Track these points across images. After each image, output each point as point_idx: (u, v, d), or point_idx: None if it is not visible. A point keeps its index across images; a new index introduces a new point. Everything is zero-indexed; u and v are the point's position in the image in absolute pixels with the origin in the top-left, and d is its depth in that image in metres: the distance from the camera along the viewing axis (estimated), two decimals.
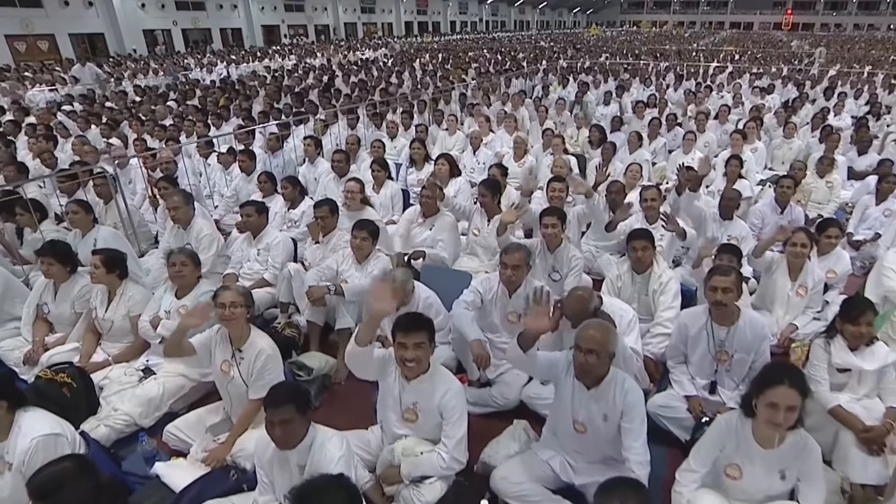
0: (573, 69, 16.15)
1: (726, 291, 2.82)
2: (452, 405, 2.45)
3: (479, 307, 3.27)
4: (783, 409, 1.99)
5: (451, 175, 5.45)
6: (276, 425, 2.07)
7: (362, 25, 38.34)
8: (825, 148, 6.78)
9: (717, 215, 4.46)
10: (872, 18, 53.59)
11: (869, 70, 15.75)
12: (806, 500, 2.14)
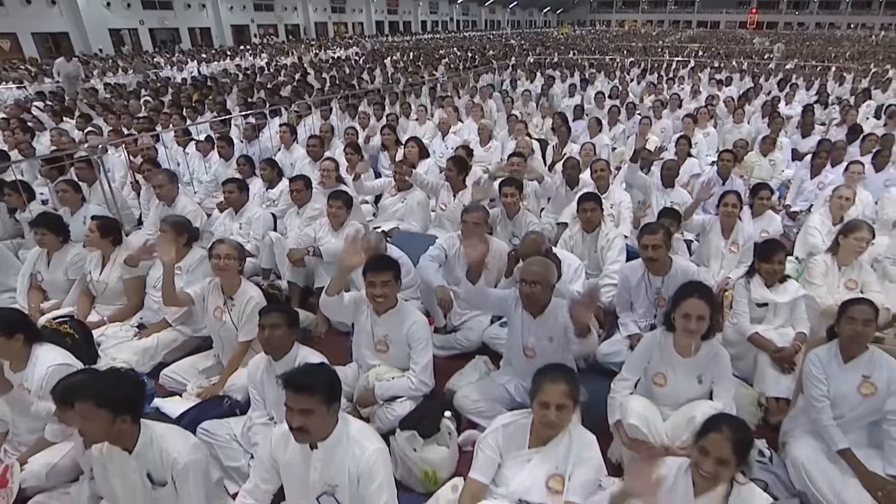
0: (541, 65, 16.71)
1: (656, 248, 3.26)
2: (419, 335, 2.86)
3: (443, 262, 3.68)
4: (694, 318, 2.44)
5: (421, 157, 5.86)
6: (267, 328, 2.45)
7: (333, 25, 38.51)
8: (770, 130, 7.37)
9: (661, 184, 4.95)
10: (833, 17, 55.54)
11: (823, 64, 16.72)
12: (719, 398, 2.58)
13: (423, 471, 2.54)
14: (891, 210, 4.95)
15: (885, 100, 11.08)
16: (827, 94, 11.35)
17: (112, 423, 1.92)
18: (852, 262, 3.61)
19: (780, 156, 6.77)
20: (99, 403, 1.88)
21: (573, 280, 3.41)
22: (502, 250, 3.62)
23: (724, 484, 1.87)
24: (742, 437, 1.80)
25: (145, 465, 2.05)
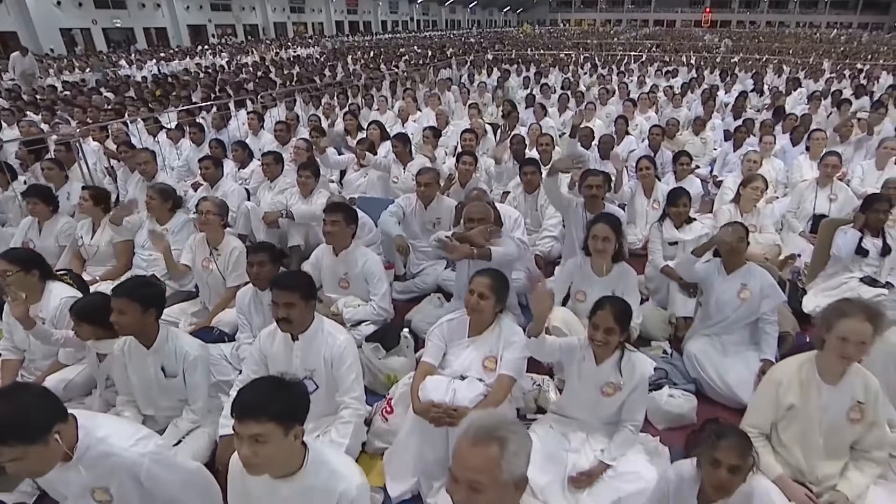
0: (499, 60, 17.47)
1: (598, 187, 3.90)
2: (373, 269, 3.45)
3: (402, 218, 4.25)
4: (601, 239, 3.09)
5: (382, 139, 6.43)
6: (255, 265, 2.99)
7: (292, 25, 38.70)
8: (703, 112, 8.23)
9: (598, 156, 5.64)
10: (783, 16, 58.05)
11: (764, 57, 18.00)
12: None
13: (386, 375, 3.11)
14: (797, 174, 5.73)
15: (815, 87, 12.20)
16: (762, 84, 12.40)
17: (142, 316, 2.43)
18: (752, 210, 4.36)
19: (710, 135, 7.62)
20: (132, 298, 2.40)
21: (514, 229, 4.01)
22: (452, 206, 4.22)
23: (617, 351, 2.49)
24: (621, 310, 2.40)
25: (160, 359, 2.57)
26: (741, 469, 1.78)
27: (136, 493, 1.87)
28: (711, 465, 1.79)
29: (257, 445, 1.57)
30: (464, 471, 1.35)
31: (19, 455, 1.58)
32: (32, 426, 1.62)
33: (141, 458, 1.83)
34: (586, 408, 2.56)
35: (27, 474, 1.69)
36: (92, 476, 1.80)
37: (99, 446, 1.80)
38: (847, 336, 2.10)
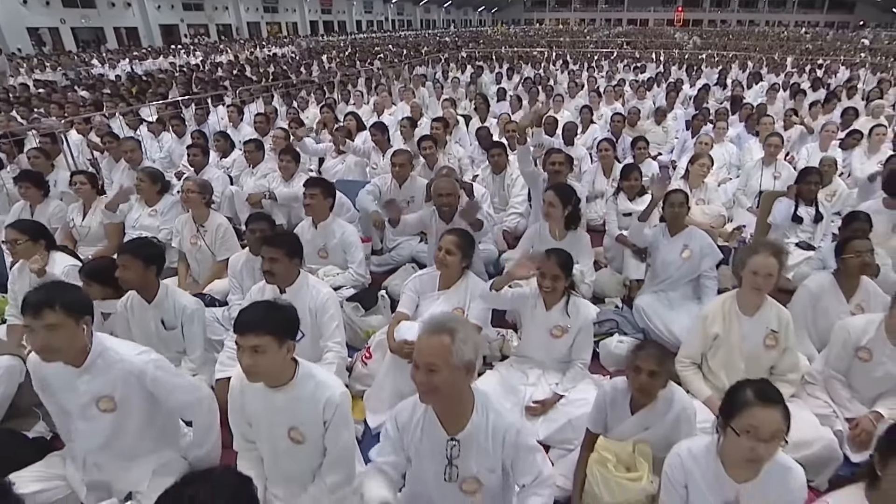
0: (473, 57, 17.90)
1: (561, 164, 4.28)
2: (350, 240, 3.78)
3: (378, 196, 4.59)
4: (548, 204, 3.47)
5: (358, 129, 6.76)
6: (257, 231, 3.29)
7: (266, 25, 38.71)
8: (665, 104, 8.71)
9: (563, 143, 6.04)
10: (752, 15, 59.55)
11: (729, 53, 18.73)
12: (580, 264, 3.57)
13: (365, 331, 3.45)
14: (748, 157, 6.19)
15: (776, 81, 12.83)
16: (726, 78, 13.01)
17: (144, 272, 2.75)
18: (700, 185, 4.80)
19: (672, 124, 8.09)
20: (136, 255, 2.71)
21: (482, 202, 4.38)
22: (424, 185, 4.57)
23: (563, 298, 2.86)
24: (564, 259, 2.77)
25: (160, 313, 2.88)
26: (658, 374, 2.15)
27: (139, 399, 2.18)
28: (634, 371, 2.17)
29: (256, 355, 1.90)
30: (422, 356, 1.69)
31: (58, 322, 1.93)
32: (75, 302, 2.00)
33: (145, 364, 2.15)
34: (540, 349, 2.93)
35: (51, 349, 1.97)
36: (99, 383, 2.11)
37: (107, 353, 2.12)
38: (757, 270, 2.51)
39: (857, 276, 2.96)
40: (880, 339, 2.57)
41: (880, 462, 1.57)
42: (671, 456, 1.88)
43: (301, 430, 2.07)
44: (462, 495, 1.87)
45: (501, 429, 1.82)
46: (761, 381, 1.76)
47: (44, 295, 1.95)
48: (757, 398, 1.67)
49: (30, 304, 1.93)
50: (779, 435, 1.66)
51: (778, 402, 1.68)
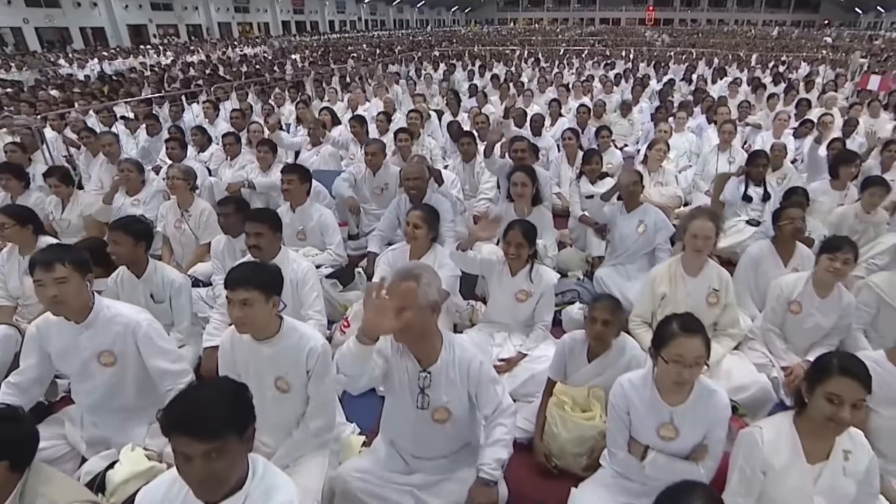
0: (446, 56, 18.21)
1: (524, 151, 4.57)
2: (327, 222, 4.01)
3: (353, 184, 4.84)
4: (519, 185, 3.75)
5: (333, 124, 6.99)
6: (223, 216, 3.51)
7: (237, 25, 38.57)
8: (631, 97, 9.11)
9: (531, 134, 6.35)
10: (722, 14, 60.99)
11: (697, 50, 19.36)
12: (543, 238, 3.86)
13: (343, 305, 3.69)
14: (707, 145, 6.56)
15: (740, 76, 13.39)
16: (692, 74, 13.53)
17: (134, 247, 2.96)
18: (658, 169, 5.13)
19: (638, 117, 8.51)
20: (126, 231, 2.92)
21: (452, 187, 4.66)
22: (397, 172, 4.81)
23: (527, 265, 3.14)
24: (527, 229, 3.05)
25: (150, 287, 3.09)
26: (611, 323, 2.44)
27: (136, 355, 2.41)
28: (591, 322, 2.45)
29: (245, 308, 2.13)
30: (394, 299, 1.95)
31: (66, 275, 2.18)
32: (82, 260, 2.27)
33: (141, 320, 2.40)
34: (506, 312, 3.21)
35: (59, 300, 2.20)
36: (100, 338, 2.35)
37: (108, 311, 2.37)
38: (696, 233, 2.82)
39: (792, 242, 3.30)
40: (808, 293, 2.91)
41: (808, 391, 1.85)
42: (615, 386, 2.16)
43: (286, 380, 2.30)
44: (433, 424, 2.13)
45: (466, 362, 2.08)
46: (685, 315, 2.03)
47: (55, 253, 2.22)
48: (681, 329, 1.95)
49: (41, 260, 2.17)
50: (700, 361, 1.94)
51: (699, 331, 1.96)
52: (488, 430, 2.15)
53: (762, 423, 1.97)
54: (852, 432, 1.87)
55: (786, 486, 1.84)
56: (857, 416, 1.72)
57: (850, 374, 1.71)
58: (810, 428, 1.84)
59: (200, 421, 1.37)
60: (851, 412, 1.70)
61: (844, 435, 1.83)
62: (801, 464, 1.82)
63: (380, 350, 2.09)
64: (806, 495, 1.82)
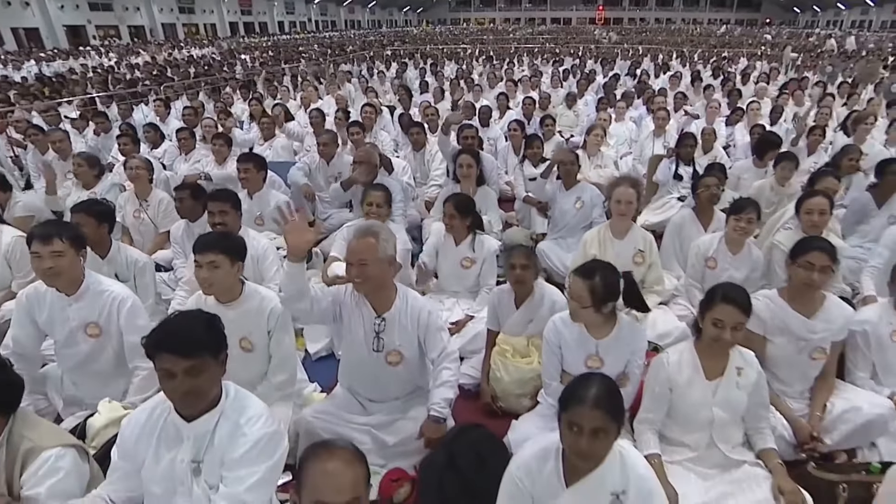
0: (398, 55, 18.52)
1: (473, 138, 4.96)
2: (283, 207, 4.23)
3: (308, 173, 5.08)
4: (465, 167, 4.10)
5: (286, 119, 7.20)
6: (179, 201, 3.72)
7: (182, 26, 37.91)
8: (577, 91, 9.61)
9: (479, 124, 6.71)
10: (669, 13, 63.06)
11: (645, 47, 20.25)
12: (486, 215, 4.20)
13: None
14: (645, 132, 7.04)
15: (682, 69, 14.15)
16: (636, 69, 14.20)
17: (97, 228, 3.14)
18: (596, 153, 5.55)
19: (583, 109, 8.98)
20: (89, 213, 3.11)
21: (402, 175, 4.95)
22: (349, 161, 5.08)
23: (470, 234, 3.47)
24: (461, 201, 3.41)
25: (114, 267, 3.27)
26: (528, 267, 2.82)
27: (117, 328, 2.61)
28: (510, 268, 2.81)
29: (213, 269, 2.38)
30: (355, 255, 2.25)
31: (63, 249, 2.40)
32: (77, 236, 2.50)
33: (127, 297, 2.62)
34: (453, 279, 3.56)
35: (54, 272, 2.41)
36: (88, 311, 2.55)
37: (97, 286, 2.58)
38: (620, 199, 3.20)
39: (710, 207, 3.73)
40: (722, 250, 3.32)
41: (700, 318, 2.22)
42: (548, 324, 2.51)
43: (250, 340, 2.56)
44: (387, 366, 2.42)
45: (417, 310, 2.40)
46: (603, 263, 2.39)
47: (53, 228, 2.46)
48: (578, 275, 2.31)
49: (40, 235, 2.40)
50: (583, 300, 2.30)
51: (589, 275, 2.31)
52: (435, 373, 2.46)
53: (668, 350, 2.34)
54: (743, 352, 2.26)
55: (689, 399, 2.20)
56: (736, 336, 2.11)
57: (730, 301, 2.09)
58: (706, 350, 2.22)
59: (182, 340, 1.64)
60: (732, 334, 2.08)
61: (736, 355, 2.22)
62: (701, 380, 2.20)
63: (333, 295, 2.41)
64: (706, 406, 2.19)
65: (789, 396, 2.63)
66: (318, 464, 1.37)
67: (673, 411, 2.25)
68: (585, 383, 1.64)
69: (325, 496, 1.33)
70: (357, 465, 1.40)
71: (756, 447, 2.24)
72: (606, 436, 1.57)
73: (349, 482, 1.36)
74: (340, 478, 1.35)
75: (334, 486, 1.34)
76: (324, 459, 1.38)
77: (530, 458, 1.74)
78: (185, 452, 1.73)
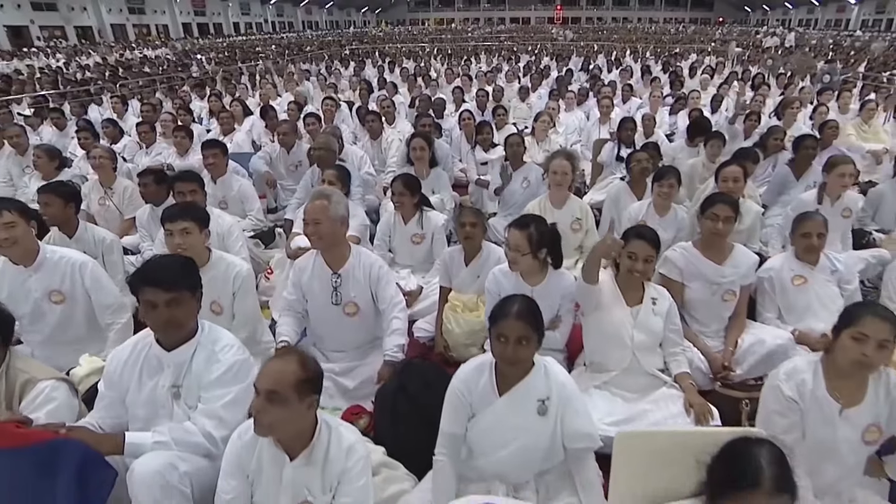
0: (357, 54, 18.77)
1: (429, 126, 5.33)
2: (246, 192, 4.53)
3: (269, 162, 5.33)
4: (418, 149, 4.43)
5: (245, 114, 7.42)
6: (143, 186, 3.94)
7: (133, 27, 37.30)
8: (531, 85, 10.05)
9: (434, 116, 7.05)
10: (625, 13, 64.70)
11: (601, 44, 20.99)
12: (441, 195, 4.53)
13: (265, 261, 4.20)
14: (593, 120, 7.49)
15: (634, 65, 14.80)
16: (590, 64, 14.80)
17: (64, 208, 3.34)
18: (545, 138, 5.95)
19: (536, 101, 9.40)
20: (55, 194, 3.31)
21: (361, 167, 5.23)
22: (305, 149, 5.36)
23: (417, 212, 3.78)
24: (407, 180, 3.71)
25: (82, 245, 3.46)
26: (476, 225, 3.17)
27: (83, 292, 2.83)
28: (460, 227, 3.16)
29: (185, 235, 2.63)
30: (309, 215, 2.54)
31: (14, 220, 2.61)
32: (25, 209, 2.71)
33: (87, 261, 2.84)
34: (406, 254, 3.88)
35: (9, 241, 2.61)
36: (48, 279, 2.76)
37: (53, 255, 2.80)
38: (556, 170, 3.58)
39: (642, 180, 4.13)
40: (651, 213, 3.72)
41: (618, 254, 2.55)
42: (489, 276, 2.85)
43: (219, 303, 2.82)
44: (346, 317, 2.73)
45: (369, 265, 2.72)
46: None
47: (2, 203, 2.64)
48: (515, 227, 2.66)
49: None
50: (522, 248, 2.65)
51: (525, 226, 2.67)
52: (386, 323, 2.79)
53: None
54: (657, 286, 2.67)
55: (613, 320, 2.58)
56: (647, 268, 2.49)
57: (641, 237, 2.48)
58: (624, 281, 2.62)
59: (163, 275, 1.92)
60: (644, 265, 2.46)
61: (651, 288, 2.63)
62: (622, 306, 2.57)
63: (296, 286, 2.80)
64: (627, 328, 2.56)
65: (706, 336, 3.02)
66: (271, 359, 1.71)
67: (600, 332, 2.62)
68: (510, 301, 1.97)
69: (258, 381, 1.65)
70: (293, 367, 1.67)
71: (672, 372, 2.62)
72: (529, 343, 1.90)
73: (275, 375, 1.64)
74: (271, 369, 1.66)
75: (265, 373, 1.66)
76: (275, 356, 1.74)
77: (469, 372, 2.06)
78: (166, 378, 2.00)
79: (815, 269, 3.00)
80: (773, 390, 1.99)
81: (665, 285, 2.84)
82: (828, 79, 10.64)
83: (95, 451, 1.75)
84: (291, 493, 1.73)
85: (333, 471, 1.74)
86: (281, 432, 1.70)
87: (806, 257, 3.00)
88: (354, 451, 1.77)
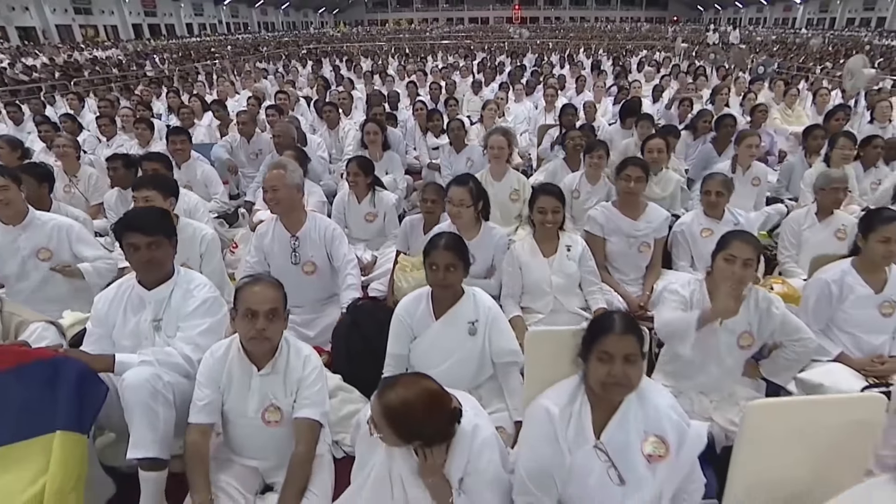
0: (315, 53, 19.04)
1: (382, 115, 5.69)
2: (210, 176, 4.89)
3: (230, 151, 5.67)
4: (371, 133, 4.80)
5: (204, 110, 7.68)
6: (112, 170, 4.23)
7: (80, 28, 36.59)
8: (484, 80, 10.54)
9: (389, 107, 7.45)
10: (583, 12, 66.18)
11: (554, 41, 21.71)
12: (394, 175, 4.95)
13: (230, 240, 4.52)
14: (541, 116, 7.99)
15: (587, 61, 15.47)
16: (542, 61, 15.41)
17: (38, 187, 3.63)
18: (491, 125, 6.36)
19: (488, 94, 9.82)
20: (28, 173, 3.57)
21: (317, 150, 5.60)
22: (268, 139, 5.66)
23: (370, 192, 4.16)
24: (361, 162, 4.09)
25: None
26: (437, 202, 3.55)
27: (69, 251, 3.14)
28: (423, 202, 3.55)
29: (149, 203, 2.97)
30: (267, 182, 2.92)
31: (6, 184, 2.92)
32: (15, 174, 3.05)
33: (73, 223, 3.16)
34: (360, 230, 4.25)
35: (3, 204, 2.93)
36: (36, 237, 3.07)
37: (41, 217, 3.12)
38: (493, 145, 4.04)
39: (576, 156, 4.59)
40: (584, 183, 4.20)
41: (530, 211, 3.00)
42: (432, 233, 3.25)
43: (188, 265, 3.15)
44: (304, 276, 3.11)
45: (323, 228, 3.12)
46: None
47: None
48: (456, 184, 3.07)
49: None
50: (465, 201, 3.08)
51: (465, 182, 3.09)
52: (341, 279, 3.19)
53: (515, 240, 3.21)
54: (571, 235, 3.15)
55: (534, 272, 3.03)
56: (556, 218, 2.97)
57: (548, 192, 2.95)
58: (539, 235, 3.08)
59: (143, 221, 2.28)
60: (553, 216, 2.94)
61: (565, 237, 3.09)
62: (540, 258, 3.02)
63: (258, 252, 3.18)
64: (546, 276, 3.01)
65: (626, 283, 3.48)
66: (248, 286, 2.06)
67: (525, 284, 3.07)
68: (438, 236, 2.40)
69: (252, 305, 2.01)
70: (277, 288, 2.10)
71: (591, 308, 3.08)
72: (456, 269, 2.32)
73: (271, 296, 2.05)
74: (265, 292, 2.04)
75: (260, 297, 2.03)
76: (253, 283, 2.08)
77: (409, 301, 2.47)
78: (148, 314, 2.35)
79: (721, 223, 3.48)
80: (673, 293, 2.48)
81: (588, 240, 3.30)
82: (762, 70, 11.49)
83: (90, 369, 2.08)
84: (259, 398, 2.11)
85: (293, 377, 2.13)
86: (275, 342, 2.10)
87: (711, 212, 3.50)
88: (310, 360, 2.17)
